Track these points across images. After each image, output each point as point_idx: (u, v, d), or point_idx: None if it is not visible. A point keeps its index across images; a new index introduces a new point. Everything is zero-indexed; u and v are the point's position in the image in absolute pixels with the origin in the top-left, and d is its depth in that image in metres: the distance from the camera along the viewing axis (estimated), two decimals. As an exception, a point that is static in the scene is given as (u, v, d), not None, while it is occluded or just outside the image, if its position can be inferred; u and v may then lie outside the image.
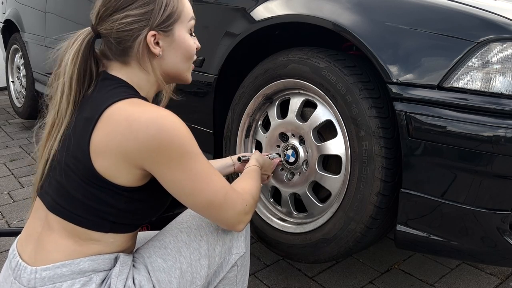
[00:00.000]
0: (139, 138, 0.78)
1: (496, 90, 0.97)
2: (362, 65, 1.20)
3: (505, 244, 1.01)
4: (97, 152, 0.79)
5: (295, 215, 1.40)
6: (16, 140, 3.06)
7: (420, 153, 1.03)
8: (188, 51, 0.94)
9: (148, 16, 0.86)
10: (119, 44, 0.87)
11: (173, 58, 0.92)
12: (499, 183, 0.97)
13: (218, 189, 0.86)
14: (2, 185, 2.31)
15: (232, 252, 0.99)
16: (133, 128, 0.78)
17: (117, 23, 0.85)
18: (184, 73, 0.96)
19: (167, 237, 0.93)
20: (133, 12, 0.85)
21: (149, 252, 0.91)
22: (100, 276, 0.84)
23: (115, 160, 0.79)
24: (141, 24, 0.86)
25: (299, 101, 1.34)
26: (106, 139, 0.79)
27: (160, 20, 0.87)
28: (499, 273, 1.58)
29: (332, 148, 1.25)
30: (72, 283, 0.81)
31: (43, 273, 0.81)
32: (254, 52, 1.51)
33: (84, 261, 0.83)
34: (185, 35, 0.92)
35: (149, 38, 0.86)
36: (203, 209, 0.87)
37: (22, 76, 3.38)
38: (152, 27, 0.87)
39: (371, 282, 1.51)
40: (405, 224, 1.10)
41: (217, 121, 1.62)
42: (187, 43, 0.93)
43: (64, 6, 2.58)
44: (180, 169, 0.81)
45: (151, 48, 0.88)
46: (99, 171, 0.80)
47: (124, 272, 0.86)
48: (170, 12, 0.88)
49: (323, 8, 1.22)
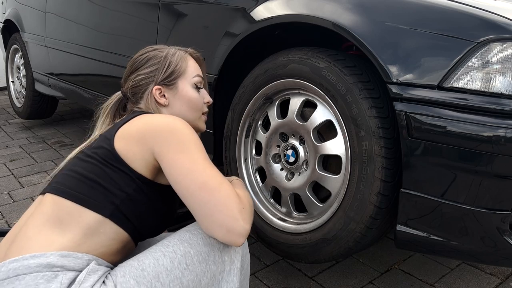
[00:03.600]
0: (155, 123, 0.92)
1: (496, 90, 0.97)
2: (362, 65, 1.20)
3: (505, 244, 1.01)
4: (120, 137, 0.92)
5: (295, 215, 1.40)
6: (16, 140, 3.06)
7: (420, 153, 1.03)
8: (192, 101, 1.10)
9: (154, 73, 1.08)
10: (133, 96, 1.10)
11: (179, 107, 1.09)
12: (499, 183, 0.97)
13: (214, 175, 0.88)
14: (2, 185, 2.31)
15: (222, 286, 0.90)
16: (153, 120, 0.94)
17: (132, 81, 1.09)
18: (194, 122, 1.11)
19: (148, 258, 0.85)
20: (143, 71, 1.08)
21: (123, 271, 0.83)
22: (68, 276, 0.79)
23: (133, 143, 0.90)
24: (149, 80, 1.08)
25: (299, 101, 1.34)
26: (129, 127, 0.94)
27: (163, 76, 1.07)
28: (499, 273, 1.58)
29: (332, 148, 1.25)
30: (36, 276, 0.77)
31: (10, 265, 0.78)
32: (254, 52, 1.51)
33: (55, 255, 0.79)
34: (188, 89, 1.09)
35: (154, 91, 1.07)
36: (196, 191, 0.84)
37: (22, 76, 3.38)
38: (157, 82, 1.07)
39: (371, 282, 1.51)
40: (405, 224, 1.10)
41: (217, 121, 1.62)
42: (190, 95, 1.09)
43: (64, 6, 2.58)
44: (182, 151, 0.88)
45: (156, 99, 1.07)
46: (118, 152, 0.90)
47: (88, 280, 0.79)
48: (173, 70, 1.08)
49: (323, 8, 1.22)
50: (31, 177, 2.40)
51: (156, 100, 1.07)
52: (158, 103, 1.08)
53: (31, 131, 3.29)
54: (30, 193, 2.20)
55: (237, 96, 1.49)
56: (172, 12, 1.76)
